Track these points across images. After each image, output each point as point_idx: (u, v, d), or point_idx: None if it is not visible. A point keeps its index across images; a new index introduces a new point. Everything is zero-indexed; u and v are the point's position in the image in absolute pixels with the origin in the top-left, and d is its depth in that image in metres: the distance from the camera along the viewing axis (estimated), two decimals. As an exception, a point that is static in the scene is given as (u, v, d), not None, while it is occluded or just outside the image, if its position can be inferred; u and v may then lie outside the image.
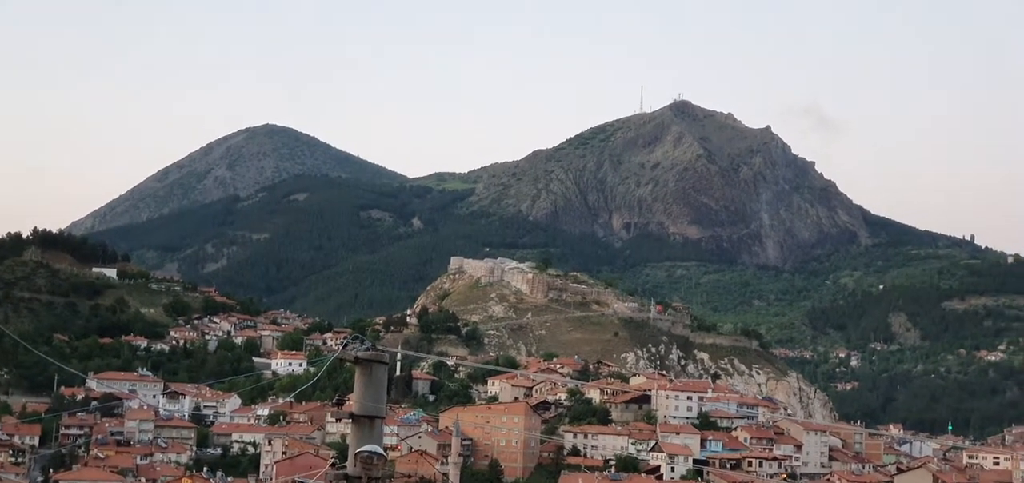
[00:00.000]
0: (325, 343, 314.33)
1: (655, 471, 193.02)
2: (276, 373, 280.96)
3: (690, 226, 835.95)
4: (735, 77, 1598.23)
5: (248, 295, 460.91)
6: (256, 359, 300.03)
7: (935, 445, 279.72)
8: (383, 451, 20.04)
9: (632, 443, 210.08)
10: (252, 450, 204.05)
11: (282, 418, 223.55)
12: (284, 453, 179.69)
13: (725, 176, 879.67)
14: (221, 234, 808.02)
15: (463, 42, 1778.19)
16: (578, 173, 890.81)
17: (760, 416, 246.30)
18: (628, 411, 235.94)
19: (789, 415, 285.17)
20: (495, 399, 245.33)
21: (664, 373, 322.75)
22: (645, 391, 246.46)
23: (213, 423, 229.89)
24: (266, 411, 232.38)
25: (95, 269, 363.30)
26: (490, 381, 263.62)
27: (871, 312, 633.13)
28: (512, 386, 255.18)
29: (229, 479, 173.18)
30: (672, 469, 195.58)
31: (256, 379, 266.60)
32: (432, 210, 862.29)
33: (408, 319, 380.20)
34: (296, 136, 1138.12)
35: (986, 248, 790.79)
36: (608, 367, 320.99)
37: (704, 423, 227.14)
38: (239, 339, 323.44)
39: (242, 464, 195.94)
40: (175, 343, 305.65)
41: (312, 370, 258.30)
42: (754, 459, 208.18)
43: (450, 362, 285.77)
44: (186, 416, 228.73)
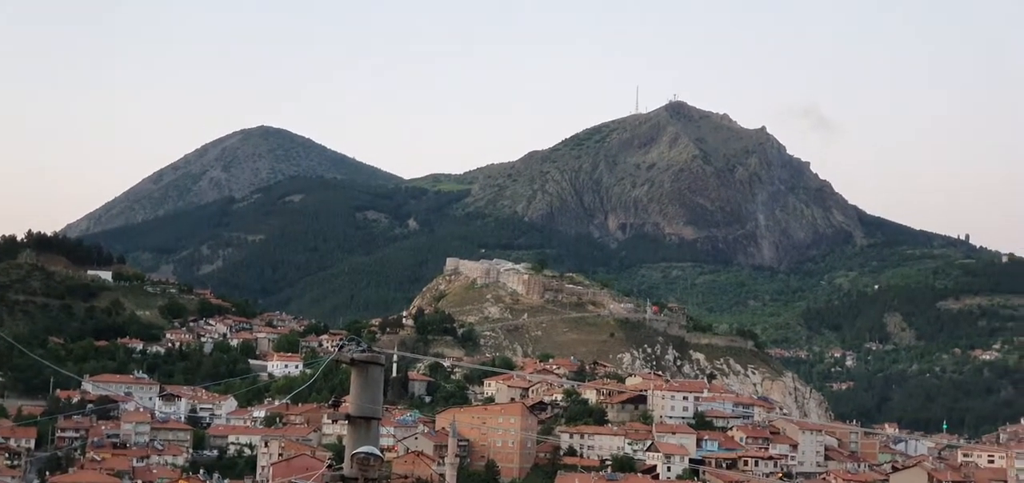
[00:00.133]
0: (321, 345, 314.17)
1: (651, 471, 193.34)
2: (272, 375, 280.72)
3: (686, 227, 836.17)
4: (730, 78, 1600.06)
5: (244, 297, 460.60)
6: (252, 361, 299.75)
7: (930, 444, 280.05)
8: (379, 452, 20.17)
9: (628, 443, 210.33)
10: (248, 452, 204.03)
11: (278, 420, 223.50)
12: (280, 455, 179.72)
13: (720, 177, 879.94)
14: (216, 236, 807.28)
15: (458, 43, 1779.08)
16: (574, 174, 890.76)
17: (756, 416, 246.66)
18: (624, 411, 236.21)
19: (785, 415, 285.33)
20: (491, 400, 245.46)
21: (660, 373, 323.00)
22: (641, 391, 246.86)
23: (209, 425, 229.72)
24: (262, 413, 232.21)
25: (90, 271, 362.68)
26: (486, 382, 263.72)
27: (866, 312, 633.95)
28: (508, 387, 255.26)
29: (225, 481, 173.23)
30: (668, 469, 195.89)
31: (252, 381, 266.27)
32: (428, 211, 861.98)
33: (404, 320, 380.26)
34: (291, 137, 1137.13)
35: (981, 248, 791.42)
36: (604, 367, 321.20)
37: (700, 423, 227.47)
38: (235, 341, 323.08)
39: (238, 466, 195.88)
40: (171, 345, 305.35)
41: (308, 372, 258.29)
42: (750, 459, 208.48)
43: (446, 363, 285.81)
44: (182, 418, 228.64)
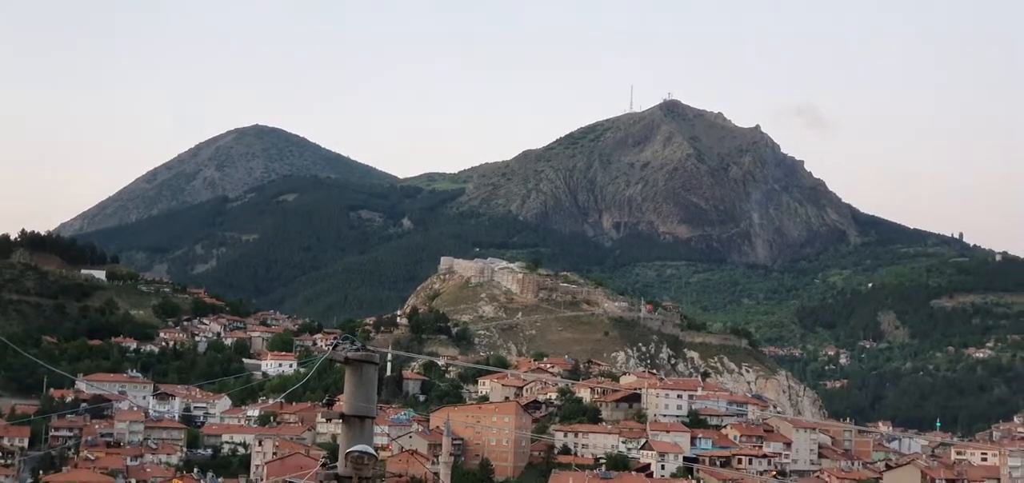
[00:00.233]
0: (315, 344, 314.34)
1: (645, 469, 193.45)
2: (266, 374, 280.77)
3: (680, 225, 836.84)
4: (724, 77, 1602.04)
5: (238, 296, 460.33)
6: (246, 360, 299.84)
7: (924, 442, 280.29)
8: (374, 451, 20.24)
9: (622, 441, 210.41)
10: (242, 451, 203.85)
11: (272, 419, 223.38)
12: (274, 454, 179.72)
13: (715, 176, 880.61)
14: (210, 235, 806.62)
15: (453, 42, 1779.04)
16: (568, 173, 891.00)
17: (750, 414, 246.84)
18: (618, 410, 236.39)
19: (778, 413, 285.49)
20: (486, 399, 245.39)
21: (654, 372, 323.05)
22: (635, 390, 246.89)
23: (203, 424, 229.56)
24: (256, 412, 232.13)
25: (84, 270, 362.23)
26: (480, 381, 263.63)
27: (860, 310, 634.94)
28: (503, 386, 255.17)
29: (219, 480, 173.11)
30: (662, 467, 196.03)
31: (246, 380, 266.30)
32: (422, 210, 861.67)
33: (398, 319, 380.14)
34: (285, 137, 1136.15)
35: (974, 246, 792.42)
36: (598, 366, 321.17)
37: (694, 421, 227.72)
38: (229, 340, 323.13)
39: (232, 465, 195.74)
40: (165, 344, 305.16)
41: (302, 371, 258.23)
42: (744, 457, 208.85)
43: (440, 362, 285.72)
44: (176, 417, 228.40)
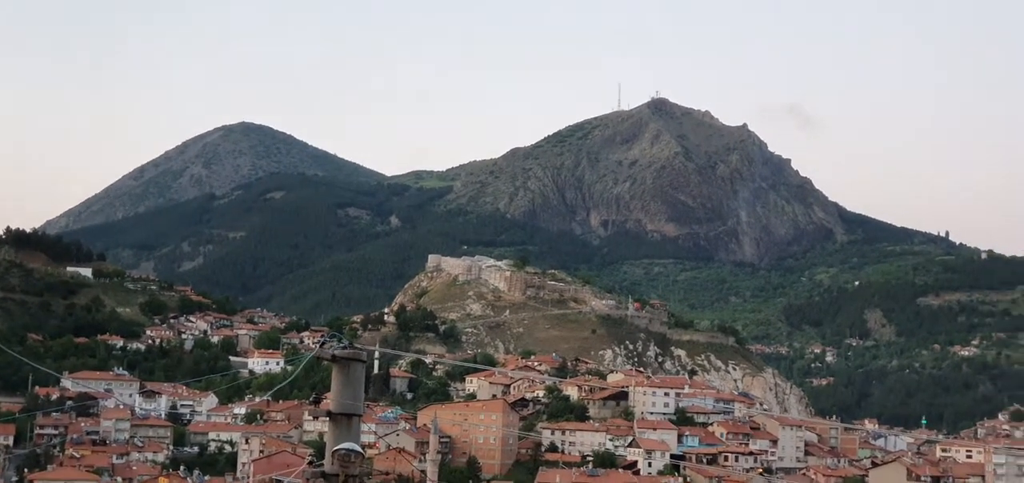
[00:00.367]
0: (302, 342, 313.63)
1: (632, 467, 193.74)
2: (253, 372, 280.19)
3: (667, 223, 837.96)
4: (712, 75, 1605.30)
5: (224, 294, 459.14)
6: (233, 358, 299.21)
7: (909, 439, 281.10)
8: (361, 449, 20.26)
9: (610, 439, 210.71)
10: (229, 449, 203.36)
11: (259, 417, 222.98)
12: (261, 451, 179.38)
13: (702, 174, 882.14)
14: (197, 233, 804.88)
15: (441, 40, 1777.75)
16: (556, 171, 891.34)
17: (736, 411, 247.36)
18: (606, 408, 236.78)
19: (765, 410, 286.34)
20: (473, 397, 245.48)
21: (641, 370, 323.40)
22: (622, 388, 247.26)
23: (190, 422, 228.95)
24: (243, 410, 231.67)
25: (70, 268, 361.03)
26: (468, 379, 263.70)
27: (846, 308, 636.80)
28: (490, 384, 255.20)
29: (206, 478, 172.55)
30: (649, 465, 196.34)
31: (233, 378, 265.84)
32: (410, 208, 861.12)
33: (386, 317, 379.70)
34: (272, 134, 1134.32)
35: (960, 244, 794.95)
36: (586, 364, 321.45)
37: (681, 419, 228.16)
38: (216, 338, 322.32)
39: (219, 463, 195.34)
40: (151, 342, 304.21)
41: (289, 369, 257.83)
42: (730, 454, 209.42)
43: (428, 360, 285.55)
44: (163, 415, 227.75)
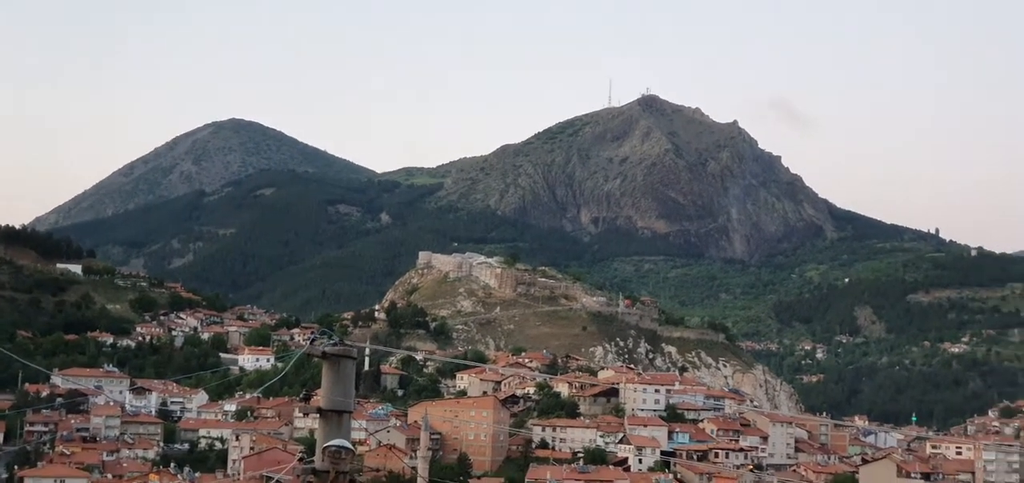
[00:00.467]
0: (292, 338, 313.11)
1: (623, 463, 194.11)
2: (243, 369, 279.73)
3: (658, 220, 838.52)
4: (703, 72, 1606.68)
5: (214, 291, 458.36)
6: (223, 355, 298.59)
7: (899, 436, 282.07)
8: (351, 446, 20.24)
9: (600, 436, 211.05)
10: (219, 446, 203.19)
11: (249, 413, 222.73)
12: (252, 448, 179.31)
13: (693, 171, 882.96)
14: (187, 229, 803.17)
15: (431, 37, 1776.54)
16: (546, 168, 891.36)
17: (726, 408, 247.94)
18: (596, 404, 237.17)
19: (755, 407, 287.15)
20: (464, 393, 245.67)
21: (632, 366, 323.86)
22: (613, 384, 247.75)
23: (180, 419, 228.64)
24: (233, 406, 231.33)
25: (60, 265, 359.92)
26: (459, 375, 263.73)
27: (836, 305, 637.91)
28: (481, 380, 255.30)
29: (196, 475, 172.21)
30: (640, 461, 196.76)
31: (223, 375, 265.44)
32: (400, 205, 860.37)
33: (376, 314, 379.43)
34: (262, 131, 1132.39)
35: (950, 241, 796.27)
36: (576, 361, 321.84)
37: (671, 415, 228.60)
38: (206, 335, 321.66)
39: (209, 460, 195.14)
40: (141, 339, 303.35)
41: (279, 365, 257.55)
42: (720, 450, 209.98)
43: (419, 357, 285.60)
44: (153, 412, 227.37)
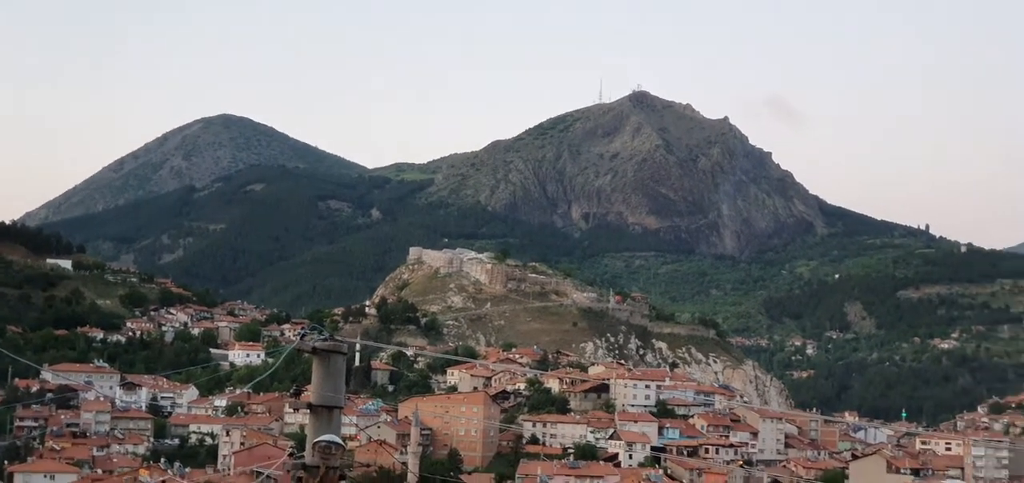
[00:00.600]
0: (283, 334, 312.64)
1: (613, 459, 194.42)
2: (233, 364, 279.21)
3: (648, 216, 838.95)
4: (693, 68, 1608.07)
5: (205, 286, 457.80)
6: (213, 350, 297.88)
7: (889, 432, 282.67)
8: (341, 441, 20.23)
9: (591, 431, 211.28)
10: (210, 441, 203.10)
11: (240, 409, 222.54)
12: (242, 444, 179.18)
13: (683, 167, 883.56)
14: (177, 225, 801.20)
15: (422, 32, 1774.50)
16: (537, 164, 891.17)
17: (717, 404, 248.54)
18: (587, 400, 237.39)
19: (745, 403, 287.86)
20: (454, 389, 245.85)
21: (623, 362, 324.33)
22: (604, 380, 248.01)
23: (170, 414, 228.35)
24: (224, 402, 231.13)
25: (50, 260, 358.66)
26: (449, 371, 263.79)
27: (827, 301, 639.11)
28: (471, 376, 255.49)
29: (186, 470, 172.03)
30: (630, 456, 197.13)
31: (213, 370, 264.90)
32: (391, 201, 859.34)
33: (367, 310, 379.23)
34: (253, 126, 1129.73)
35: (940, 238, 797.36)
36: (567, 357, 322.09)
37: (662, 411, 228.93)
38: (196, 330, 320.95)
39: (200, 455, 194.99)
40: (131, 334, 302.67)
41: (270, 361, 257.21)
42: (711, 446, 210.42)
43: (409, 352, 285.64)
44: (143, 407, 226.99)
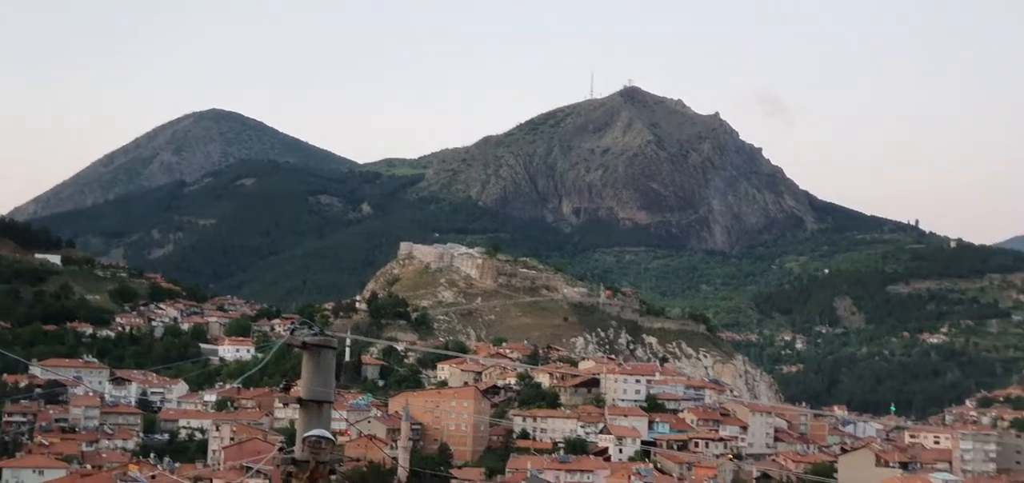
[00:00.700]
0: (273, 329, 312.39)
1: (603, 453, 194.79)
2: (223, 359, 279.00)
3: (639, 211, 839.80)
4: (684, 64, 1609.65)
5: (195, 281, 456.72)
6: (203, 345, 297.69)
7: (878, 426, 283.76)
8: (332, 436, 20.28)
9: (581, 426, 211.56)
10: (200, 436, 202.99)
11: (230, 404, 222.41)
12: (232, 439, 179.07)
13: (674, 162, 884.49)
14: (167, 219, 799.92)
15: (414, 28, 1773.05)
16: (528, 159, 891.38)
17: (707, 398, 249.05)
18: (577, 395, 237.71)
19: (735, 397, 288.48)
20: (445, 384, 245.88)
21: (613, 357, 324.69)
22: (594, 375, 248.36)
23: (160, 409, 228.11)
24: (213, 397, 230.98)
25: (39, 255, 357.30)
26: (440, 366, 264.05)
27: (816, 296, 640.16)
28: (462, 371, 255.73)
29: (176, 465, 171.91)
30: (620, 451, 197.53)
31: (203, 365, 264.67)
32: (381, 196, 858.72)
33: (357, 305, 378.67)
34: (243, 121, 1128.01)
35: (930, 233, 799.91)
36: (557, 351, 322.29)
37: (652, 406, 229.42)
38: (186, 325, 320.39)
39: (189, 450, 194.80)
40: (121, 329, 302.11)
41: (260, 356, 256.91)
42: (701, 440, 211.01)
43: (400, 347, 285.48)
44: (132, 402, 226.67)
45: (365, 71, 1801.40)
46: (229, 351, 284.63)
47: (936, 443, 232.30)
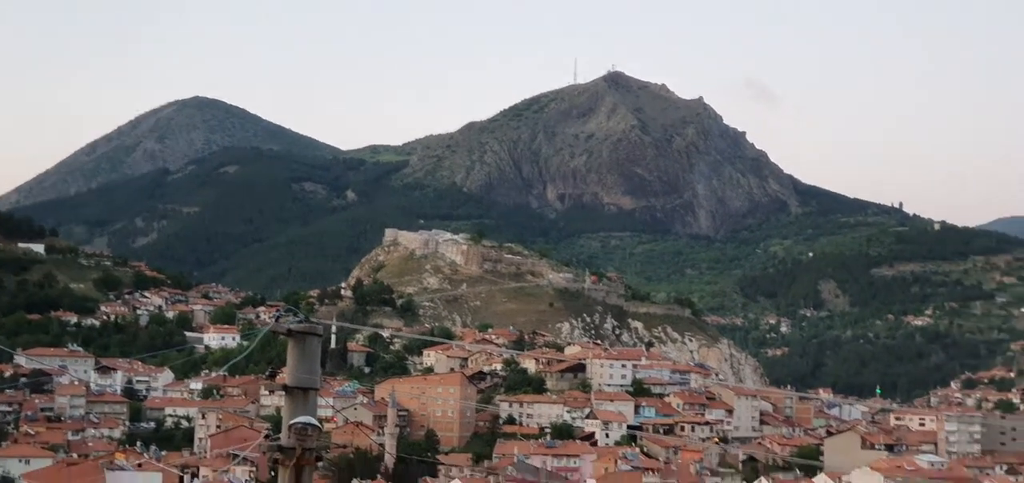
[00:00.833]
0: (258, 316, 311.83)
1: (590, 438, 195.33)
2: (209, 347, 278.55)
3: (624, 196, 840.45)
4: (668, 49, 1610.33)
5: (179, 269, 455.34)
6: (188, 333, 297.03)
7: (863, 408, 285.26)
8: (318, 423, 20.23)
9: (567, 411, 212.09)
10: (186, 424, 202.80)
11: (215, 392, 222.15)
12: (218, 426, 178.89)
13: (658, 147, 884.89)
14: (151, 208, 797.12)
15: (396, 13, 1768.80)
16: (512, 144, 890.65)
17: (692, 382, 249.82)
18: (563, 380, 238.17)
19: (721, 381, 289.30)
20: (431, 370, 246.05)
21: (598, 342, 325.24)
22: (580, 360, 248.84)
23: (146, 398, 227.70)
24: (199, 385, 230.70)
25: (22, 244, 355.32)
26: (425, 352, 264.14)
27: (801, 279, 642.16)
28: (448, 357, 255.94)
29: (163, 453, 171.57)
30: (606, 435, 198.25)
31: (189, 353, 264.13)
32: (366, 182, 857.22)
33: (342, 292, 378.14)
34: (226, 108, 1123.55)
35: (914, 216, 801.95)
36: (543, 337, 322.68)
37: (638, 390, 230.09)
38: (171, 313, 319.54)
39: (176, 438, 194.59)
40: (106, 318, 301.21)
41: (245, 343, 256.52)
42: (686, 424, 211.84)
43: (385, 334, 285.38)
44: (118, 391, 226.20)
45: (349, 58, 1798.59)
46: (214, 339, 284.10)
47: (921, 425, 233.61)
